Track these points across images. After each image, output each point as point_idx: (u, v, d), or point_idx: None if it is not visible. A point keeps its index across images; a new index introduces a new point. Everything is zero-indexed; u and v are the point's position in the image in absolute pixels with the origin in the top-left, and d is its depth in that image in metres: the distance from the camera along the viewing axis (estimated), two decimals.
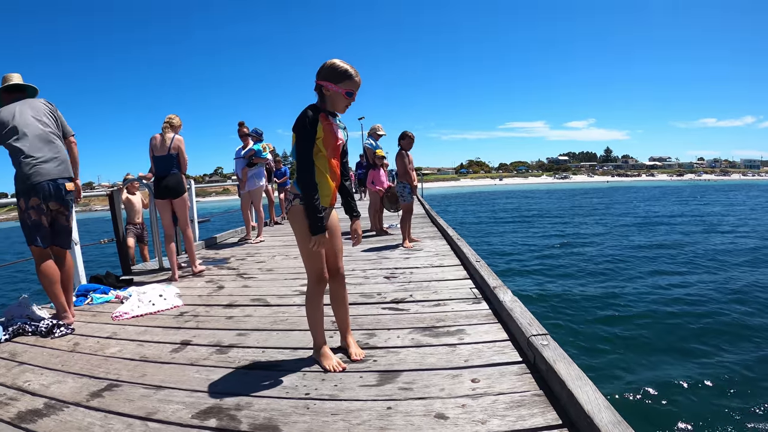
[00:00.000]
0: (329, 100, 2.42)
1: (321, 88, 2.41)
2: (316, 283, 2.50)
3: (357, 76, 2.40)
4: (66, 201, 3.70)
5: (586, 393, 1.82)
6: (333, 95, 2.40)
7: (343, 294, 2.68)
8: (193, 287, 4.70)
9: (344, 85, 2.38)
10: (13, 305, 3.82)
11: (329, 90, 2.38)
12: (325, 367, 2.46)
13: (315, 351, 2.58)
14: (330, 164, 2.43)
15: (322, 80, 2.39)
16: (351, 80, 2.39)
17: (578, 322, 6.80)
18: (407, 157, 6.51)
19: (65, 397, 2.30)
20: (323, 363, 2.49)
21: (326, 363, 2.48)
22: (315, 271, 2.49)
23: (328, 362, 2.48)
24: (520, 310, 2.89)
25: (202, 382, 2.37)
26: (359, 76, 2.42)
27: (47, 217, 3.62)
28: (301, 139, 2.35)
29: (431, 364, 2.45)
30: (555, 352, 2.23)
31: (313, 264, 2.48)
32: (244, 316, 3.53)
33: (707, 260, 11.03)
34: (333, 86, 2.37)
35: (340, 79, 2.37)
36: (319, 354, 2.54)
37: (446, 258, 5.40)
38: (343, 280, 2.68)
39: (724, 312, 6.91)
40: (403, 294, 3.89)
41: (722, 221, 19.74)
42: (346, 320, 2.70)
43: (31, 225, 3.56)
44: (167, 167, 5.20)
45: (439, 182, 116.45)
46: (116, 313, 3.75)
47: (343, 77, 2.37)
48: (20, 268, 13.76)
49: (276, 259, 6.03)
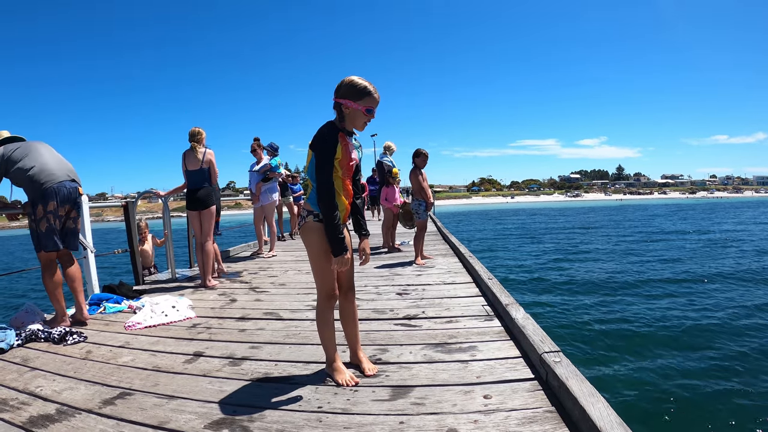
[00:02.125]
0: (348, 118, 2.41)
1: (340, 106, 2.40)
2: (326, 299, 2.50)
3: (376, 93, 2.40)
4: (79, 204, 3.90)
5: (599, 410, 1.81)
6: (352, 113, 2.39)
7: (353, 310, 2.67)
8: (206, 300, 4.73)
9: (364, 102, 2.37)
10: (21, 312, 3.89)
11: (348, 107, 2.38)
12: (338, 381, 2.44)
13: (327, 365, 2.57)
14: (344, 184, 2.44)
15: (341, 98, 2.38)
16: (370, 97, 2.38)
17: (590, 338, 6.77)
18: (422, 174, 6.54)
19: (77, 404, 2.32)
20: (336, 377, 2.47)
21: (339, 377, 2.46)
22: (326, 287, 2.49)
23: (341, 376, 2.46)
24: (532, 328, 2.88)
25: (215, 393, 2.38)
26: (378, 93, 2.41)
27: (60, 221, 3.76)
28: (321, 158, 2.33)
29: (443, 380, 2.44)
30: (567, 368, 2.22)
31: (325, 280, 2.48)
32: (257, 329, 3.54)
33: (727, 279, 10.88)
34: (353, 104, 2.36)
35: (360, 96, 2.37)
36: (332, 368, 2.52)
37: (458, 275, 5.39)
38: (353, 297, 2.68)
39: (746, 333, 6.80)
40: (416, 310, 3.88)
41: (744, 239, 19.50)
42: (356, 336, 2.69)
43: (45, 231, 3.66)
44: (200, 181, 5.51)
45: (451, 200, 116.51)
46: (129, 323, 3.79)
47: (363, 94, 2.37)
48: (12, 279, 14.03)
49: (288, 274, 6.05)
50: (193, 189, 5.51)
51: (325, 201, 2.33)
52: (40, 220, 3.64)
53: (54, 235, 3.69)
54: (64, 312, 3.80)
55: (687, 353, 5.95)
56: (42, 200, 3.62)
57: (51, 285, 3.73)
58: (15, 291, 12.98)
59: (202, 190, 5.49)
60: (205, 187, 5.50)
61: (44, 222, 3.64)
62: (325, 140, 2.33)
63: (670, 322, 7.33)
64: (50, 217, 3.65)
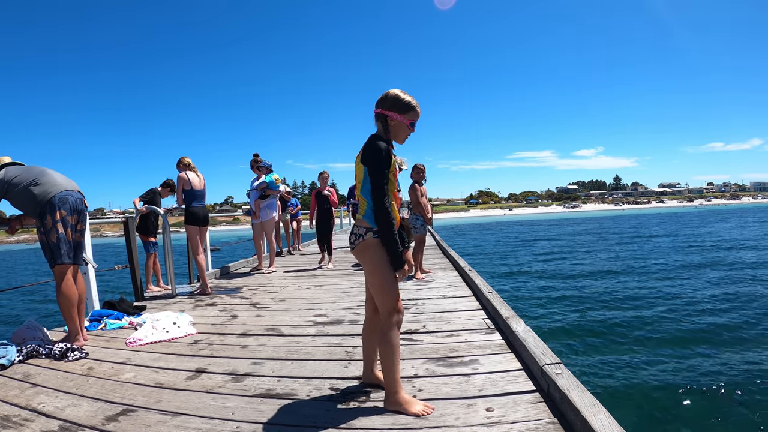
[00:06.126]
0: (393, 130, 2.41)
1: (386, 118, 2.39)
2: (392, 316, 2.34)
3: (419, 107, 2.42)
4: (85, 216, 3.92)
5: (600, 420, 1.83)
6: (397, 125, 2.40)
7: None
8: (207, 316, 4.73)
9: (409, 116, 2.39)
10: (22, 328, 3.88)
11: (394, 120, 2.38)
12: (414, 413, 2.20)
13: (391, 398, 2.29)
14: (395, 196, 2.42)
15: (387, 110, 2.38)
16: (414, 111, 2.40)
17: (591, 349, 6.80)
18: (419, 189, 6.58)
19: (80, 420, 2.32)
20: (410, 409, 2.22)
21: (413, 408, 2.23)
22: (393, 302, 2.34)
23: (414, 407, 2.23)
24: (533, 340, 2.90)
25: (218, 410, 2.39)
26: (420, 107, 2.43)
27: (72, 231, 3.75)
28: (378, 171, 2.28)
29: (446, 393, 2.45)
30: (569, 380, 2.24)
31: (392, 296, 2.34)
32: (258, 345, 3.55)
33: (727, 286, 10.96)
34: (399, 116, 2.37)
35: (406, 109, 2.38)
36: (402, 401, 2.27)
37: (458, 289, 5.41)
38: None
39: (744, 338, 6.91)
40: (416, 325, 3.89)
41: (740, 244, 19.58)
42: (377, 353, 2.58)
43: (56, 241, 3.64)
44: (204, 199, 6.34)
45: (449, 213, 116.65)
46: (130, 339, 3.79)
47: (408, 108, 2.38)
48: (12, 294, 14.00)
49: (288, 290, 6.06)
50: (202, 206, 6.28)
51: (385, 215, 2.27)
52: (50, 230, 3.62)
53: (65, 246, 3.66)
54: (77, 330, 3.73)
55: (688, 362, 5.98)
56: (50, 210, 3.62)
57: (65, 301, 3.66)
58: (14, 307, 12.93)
59: (206, 207, 6.25)
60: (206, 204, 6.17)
61: (54, 232, 3.63)
62: (380, 154, 2.29)
63: (672, 331, 7.38)
64: (59, 227, 3.63)
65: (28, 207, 3.71)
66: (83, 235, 3.97)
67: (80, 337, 3.76)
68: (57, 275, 3.70)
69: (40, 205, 3.64)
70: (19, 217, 3.92)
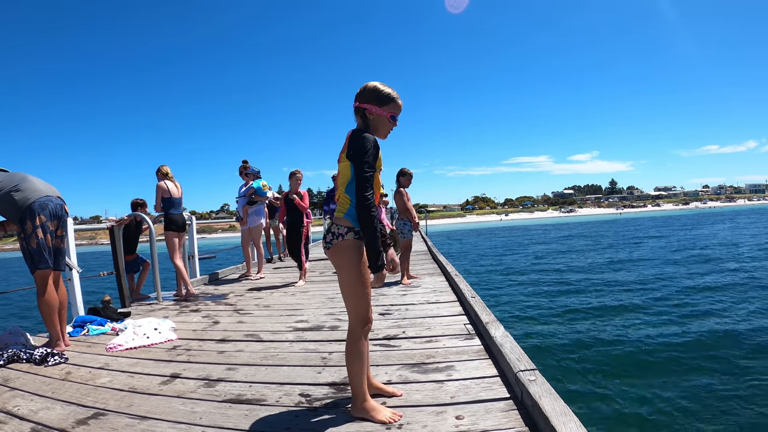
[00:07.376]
0: (373, 125, 2.30)
1: (364, 111, 2.29)
2: (361, 326, 2.25)
3: (399, 99, 2.32)
4: (66, 222, 3.92)
5: (570, 429, 1.80)
6: (377, 119, 2.29)
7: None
8: (189, 322, 4.72)
9: (389, 109, 2.29)
10: (5, 333, 3.87)
11: (373, 113, 2.28)
12: (381, 420, 2.17)
13: (358, 405, 2.25)
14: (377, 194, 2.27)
15: (365, 103, 2.28)
16: (395, 103, 2.30)
17: (572, 356, 6.80)
18: (405, 195, 6.58)
19: (52, 423, 2.33)
20: (376, 417, 2.19)
21: (380, 416, 2.19)
22: (363, 312, 2.25)
23: (381, 414, 2.20)
24: (510, 345, 2.88)
25: (186, 414, 2.38)
26: (401, 100, 2.33)
27: (52, 237, 3.75)
28: (365, 168, 2.17)
29: (416, 400, 2.43)
30: (542, 387, 2.21)
31: (362, 305, 2.24)
32: (236, 351, 3.54)
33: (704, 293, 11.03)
34: (378, 109, 2.27)
35: (385, 101, 2.28)
36: (366, 407, 2.23)
37: (443, 294, 5.40)
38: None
39: (719, 346, 6.93)
40: (396, 330, 3.89)
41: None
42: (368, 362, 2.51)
43: (36, 247, 3.64)
44: (181, 206, 6.49)
45: (445, 219, 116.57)
46: (110, 345, 3.78)
47: (388, 100, 2.28)
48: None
49: (274, 296, 6.04)
50: (180, 213, 6.39)
51: (369, 214, 2.14)
52: (30, 236, 3.62)
53: (45, 252, 3.66)
54: (58, 336, 3.74)
55: (669, 373, 5.99)
56: (30, 215, 3.62)
57: (45, 307, 3.67)
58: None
59: (183, 215, 6.46)
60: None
61: (34, 238, 3.62)
62: (367, 149, 2.18)
63: (656, 341, 7.38)
64: (39, 232, 3.63)
65: (10, 213, 3.71)
66: (63, 241, 3.95)
67: (61, 342, 3.76)
68: (37, 281, 3.70)
69: (21, 210, 3.64)
70: (2, 223, 3.91)
